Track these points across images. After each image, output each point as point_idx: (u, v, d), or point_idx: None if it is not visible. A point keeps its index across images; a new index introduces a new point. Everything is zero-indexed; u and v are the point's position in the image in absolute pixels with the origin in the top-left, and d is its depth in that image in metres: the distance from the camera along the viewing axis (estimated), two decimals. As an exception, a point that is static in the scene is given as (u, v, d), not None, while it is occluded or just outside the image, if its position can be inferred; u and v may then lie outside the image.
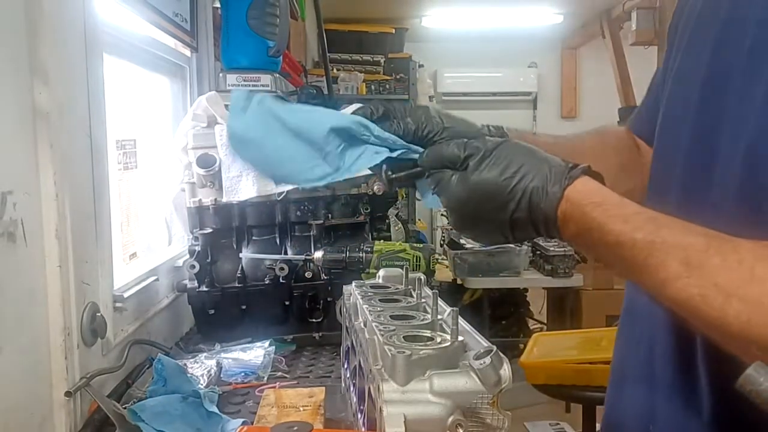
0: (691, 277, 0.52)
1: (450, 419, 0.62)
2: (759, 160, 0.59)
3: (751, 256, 0.50)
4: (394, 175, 0.72)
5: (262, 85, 1.68)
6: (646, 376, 0.75)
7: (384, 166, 0.72)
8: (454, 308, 0.73)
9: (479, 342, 0.72)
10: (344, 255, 1.32)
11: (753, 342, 0.49)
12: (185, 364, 1.15)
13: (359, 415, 0.84)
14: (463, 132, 0.71)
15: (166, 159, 1.58)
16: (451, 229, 4.00)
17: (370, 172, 0.72)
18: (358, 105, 0.76)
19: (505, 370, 0.63)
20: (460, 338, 0.70)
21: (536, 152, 0.64)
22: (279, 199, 1.38)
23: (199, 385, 1.07)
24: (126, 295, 1.19)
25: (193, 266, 1.33)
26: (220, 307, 1.36)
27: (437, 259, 3.43)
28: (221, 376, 1.16)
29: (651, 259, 0.54)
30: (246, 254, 1.37)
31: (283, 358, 1.29)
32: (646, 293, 0.59)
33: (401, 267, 1.04)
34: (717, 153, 0.65)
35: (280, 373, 1.22)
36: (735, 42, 0.65)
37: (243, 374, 1.18)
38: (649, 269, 0.55)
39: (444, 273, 3.66)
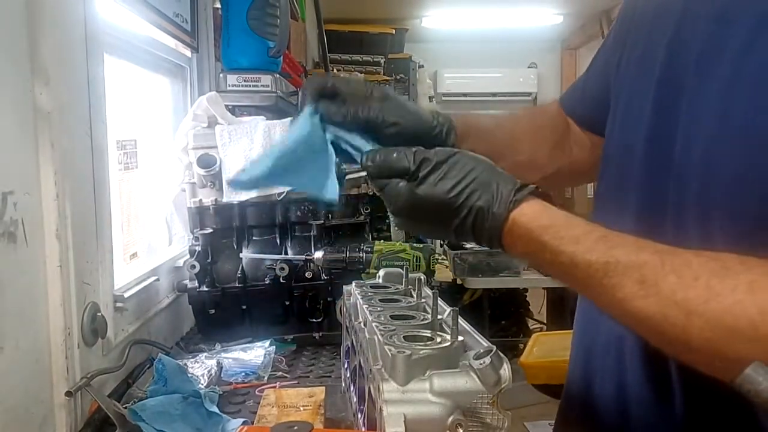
0: (649, 297, 0.52)
1: (450, 419, 0.62)
2: (711, 174, 0.59)
3: (705, 271, 0.50)
4: (347, 177, 0.72)
5: (263, 86, 1.68)
6: (617, 383, 0.73)
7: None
8: (454, 308, 0.73)
9: (479, 342, 0.72)
10: (344, 255, 1.32)
11: (715, 357, 0.50)
12: (186, 364, 1.15)
13: (359, 415, 0.84)
14: (411, 128, 0.71)
15: (166, 159, 1.58)
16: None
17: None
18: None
19: (505, 370, 0.63)
20: (460, 338, 0.70)
21: (486, 168, 0.63)
22: (279, 199, 1.38)
23: (200, 385, 1.07)
24: (126, 295, 1.19)
25: (193, 266, 1.34)
26: (220, 307, 1.36)
27: (437, 259, 3.43)
28: (222, 375, 1.16)
29: (607, 280, 0.54)
30: (246, 254, 1.37)
31: (283, 358, 1.29)
32: (603, 311, 0.59)
33: (401, 267, 1.04)
34: (672, 157, 0.64)
35: (280, 373, 1.22)
36: (687, 43, 0.65)
37: (243, 374, 1.18)
38: (605, 289, 0.55)
39: (444, 273, 3.65)
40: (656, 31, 0.71)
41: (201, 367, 1.16)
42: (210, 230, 1.37)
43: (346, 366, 1.06)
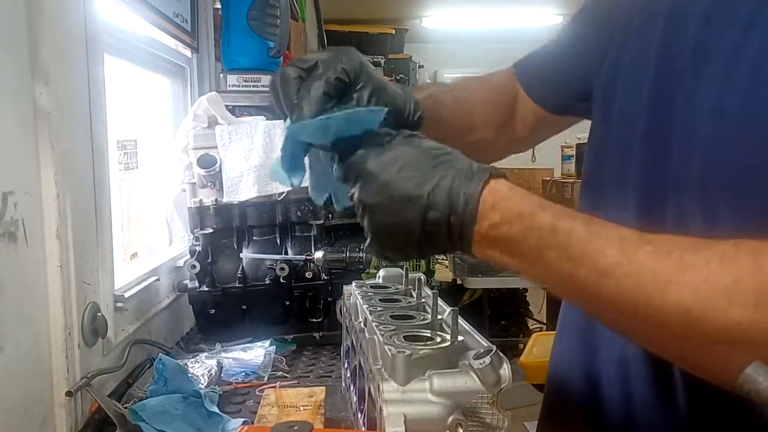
0: (631, 264, 0.52)
1: (450, 419, 0.62)
2: (711, 169, 0.60)
3: (679, 246, 0.51)
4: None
5: (263, 86, 1.68)
6: (622, 394, 0.73)
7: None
8: (454, 308, 0.73)
9: (479, 342, 0.72)
10: (344, 255, 1.32)
11: (690, 328, 0.50)
12: (186, 364, 1.15)
13: (359, 415, 0.84)
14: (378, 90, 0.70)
15: (166, 159, 1.58)
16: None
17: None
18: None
19: (505, 370, 0.63)
20: (460, 338, 0.70)
21: (444, 162, 0.60)
22: (279, 199, 1.38)
23: (200, 385, 1.07)
24: (127, 295, 1.19)
25: (193, 266, 1.34)
26: (220, 307, 1.36)
27: (437, 259, 3.43)
28: (222, 375, 1.16)
29: (589, 249, 0.53)
30: (246, 254, 1.37)
31: (283, 358, 1.29)
32: (577, 300, 0.58)
33: (401, 267, 1.04)
34: (670, 153, 0.65)
35: (280, 373, 1.23)
36: (679, 42, 0.65)
37: (243, 374, 1.18)
38: (585, 260, 0.54)
39: (444, 273, 3.66)
40: (646, 31, 0.72)
41: (201, 367, 1.16)
42: (210, 230, 1.37)
43: (346, 366, 1.06)
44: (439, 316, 0.79)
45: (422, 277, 0.93)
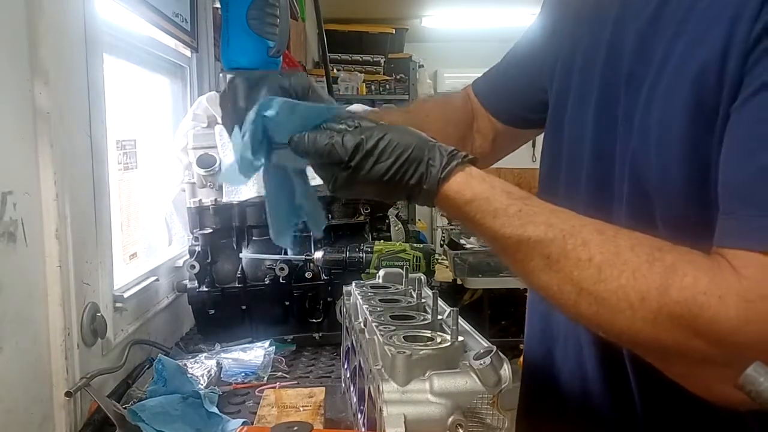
0: (551, 272, 0.59)
1: (450, 419, 0.62)
2: (640, 169, 0.65)
3: (599, 253, 0.57)
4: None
5: (262, 86, 1.68)
6: (578, 376, 0.79)
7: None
8: (454, 308, 0.73)
9: (479, 342, 0.72)
10: (344, 255, 1.32)
11: (600, 328, 0.59)
12: (185, 365, 1.15)
13: (359, 415, 0.84)
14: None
15: (166, 159, 1.58)
16: (451, 230, 4.00)
17: None
18: (359, 106, 0.76)
19: (505, 370, 0.63)
20: (460, 338, 0.70)
21: (417, 144, 0.65)
22: (279, 199, 1.38)
23: (199, 386, 1.07)
24: (126, 295, 1.19)
25: (193, 266, 1.33)
26: (220, 307, 1.36)
27: (437, 260, 3.44)
28: (221, 376, 1.16)
29: (520, 255, 0.61)
30: (246, 254, 1.37)
31: (283, 359, 1.29)
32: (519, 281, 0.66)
33: (401, 267, 1.04)
34: (612, 169, 0.70)
35: (280, 373, 1.22)
36: (622, 46, 0.70)
37: (243, 374, 1.18)
38: (517, 263, 0.62)
39: (444, 273, 3.66)
40: (596, 35, 0.75)
41: (201, 367, 1.15)
42: (210, 230, 1.37)
43: (345, 366, 1.05)
44: (439, 317, 0.79)
45: (422, 278, 0.93)
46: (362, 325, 0.84)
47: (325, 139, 0.64)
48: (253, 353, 1.23)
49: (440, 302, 0.81)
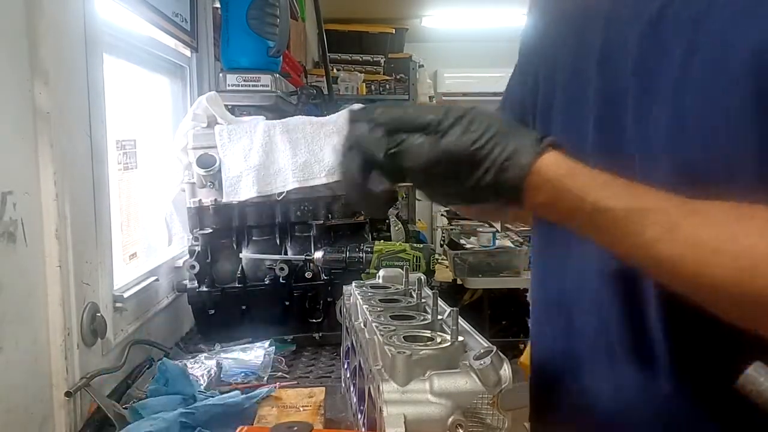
0: (674, 240, 0.54)
1: (450, 419, 0.62)
2: (675, 161, 0.61)
3: (722, 215, 0.53)
4: None
5: (262, 85, 1.68)
6: (604, 370, 0.72)
7: None
8: (454, 308, 0.73)
9: (479, 342, 0.72)
10: (344, 255, 1.32)
11: (736, 294, 0.52)
12: (185, 365, 1.15)
13: (359, 415, 0.84)
14: None
15: (166, 159, 1.58)
16: (451, 230, 4.00)
17: None
18: (360, 106, 0.75)
19: (505, 371, 0.63)
20: (460, 338, 0.70)
21: (505, 121, 0.63)
22: (279, 199, 1.38)
23: (199, 385, 1.07)
24: (126, 295, 1.19)
25: (193, 266, 1.33)
26: (220, 307, 1.36)
27: (437, 260, 3.43)
28: (221, 376, 1.16)
29: (632, 226, 0.56)
30: (246, 254, 1.37)
31: (283, 359, 1.29)
32: (623, 258, 0.60)
33: (401, 267, 1.04)
34: (621, 149, 0.66)
35: (280, 373, 1.22)
36: (620, 47, 0.67)
37: (243, 374, 1.18)
38: (628, 235, 0.56)
39: (444, 273, 3.65)
40: (584, 42, 0.73)
41: (201, 367, 1.15)
42: (209, 230, 1.37)
43: (345, 366, 1.05)
44: (439, 317, 0.79)
45: (422, 277, 0.93)
46: (362, 325, 0.83)
47: (404, 108, 0.63)
48: (253, 353, 1.23)
49: (440, 302, 0.81)
